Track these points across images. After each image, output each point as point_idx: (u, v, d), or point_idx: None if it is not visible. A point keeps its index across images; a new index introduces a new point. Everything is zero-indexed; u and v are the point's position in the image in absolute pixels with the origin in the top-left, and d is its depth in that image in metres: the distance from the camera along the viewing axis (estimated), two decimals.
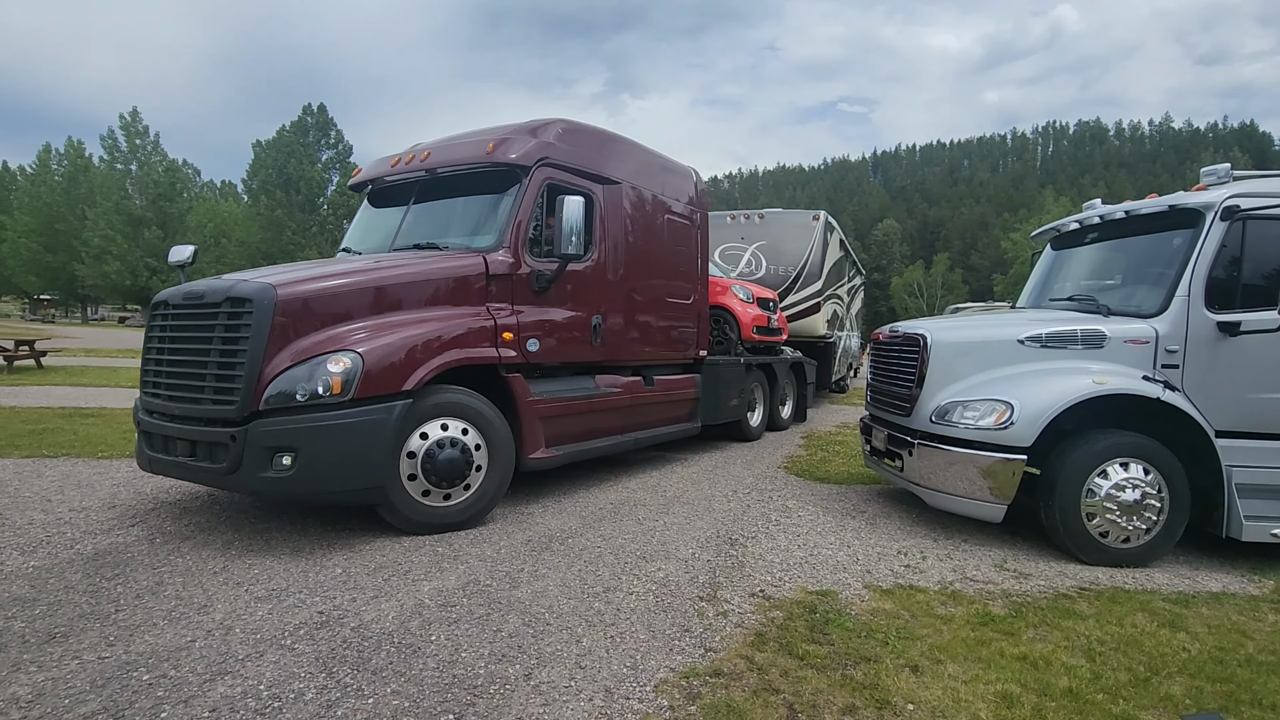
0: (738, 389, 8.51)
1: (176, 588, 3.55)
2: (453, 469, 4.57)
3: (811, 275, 12.30)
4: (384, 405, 4.27)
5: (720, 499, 5.91)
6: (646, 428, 6.81)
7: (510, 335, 5.16)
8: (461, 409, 4.71)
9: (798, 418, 11.06)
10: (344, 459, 4.13)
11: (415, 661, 2.85)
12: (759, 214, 13.00)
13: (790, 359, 10.40)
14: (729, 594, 3.73)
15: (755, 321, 9.12)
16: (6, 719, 2.34)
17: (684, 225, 7.52)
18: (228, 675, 2.68)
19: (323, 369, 4.12)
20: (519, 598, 3.56)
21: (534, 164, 5.50)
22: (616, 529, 4.89)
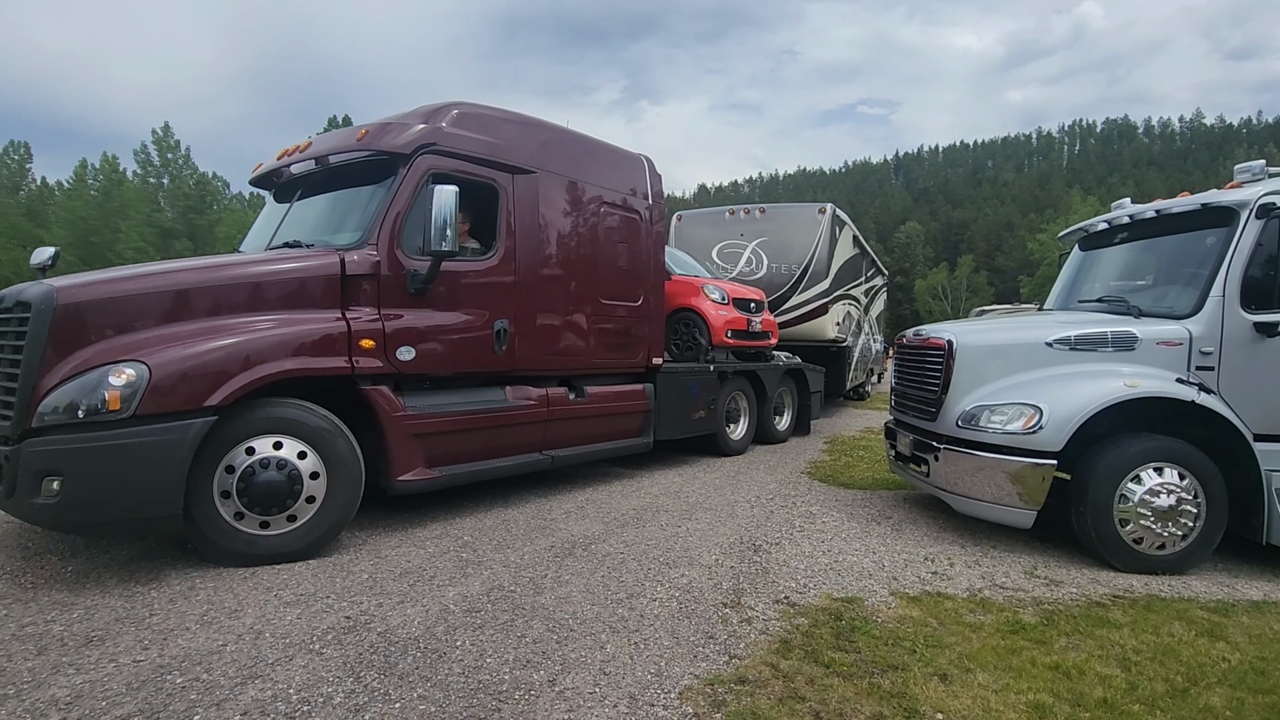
0: (706, 399, 7.72)
1: (208, 592, 3.62)
2: (273, 494, 4.01)
3: (818, 274, 11.29)
4: (177, 424, 3.69)
5: (743, 505, 5.87)
6: (573, 444, 6.13)
7: (371, 343, 4.58)
8: (294, 426, 4.13)
9: (799, 429, 10.11)
10: (120, 485, 3.57)
11: (441, 666, 2.87)
12: (760, 208, 12.02)
13: (785, 365, 9.58)
14: (753, 601, 3.70)
15: (730, 325, 8.31)
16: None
17: (629, 219, 6.74)
18: (258, 679, 2.72)
19: (103, 382, 3.59)
20: (543, 603, 3.57)
21: (413, 152, 4.93)
22: (639, 535, 4.88)
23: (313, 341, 4.32)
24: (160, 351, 3.76)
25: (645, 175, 7.06)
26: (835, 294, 11.65)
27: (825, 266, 11.33)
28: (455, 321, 5.14)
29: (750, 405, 8.76)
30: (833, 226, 11.52)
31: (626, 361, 6.80)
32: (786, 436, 9.68)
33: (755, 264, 11.63)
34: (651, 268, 7.05)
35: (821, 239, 11.39)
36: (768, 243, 11.63)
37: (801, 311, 11.34)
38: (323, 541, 4.27)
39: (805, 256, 11.36)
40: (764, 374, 8.90)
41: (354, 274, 4.59)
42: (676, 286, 8.19)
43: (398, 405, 4.72)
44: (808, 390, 10.08)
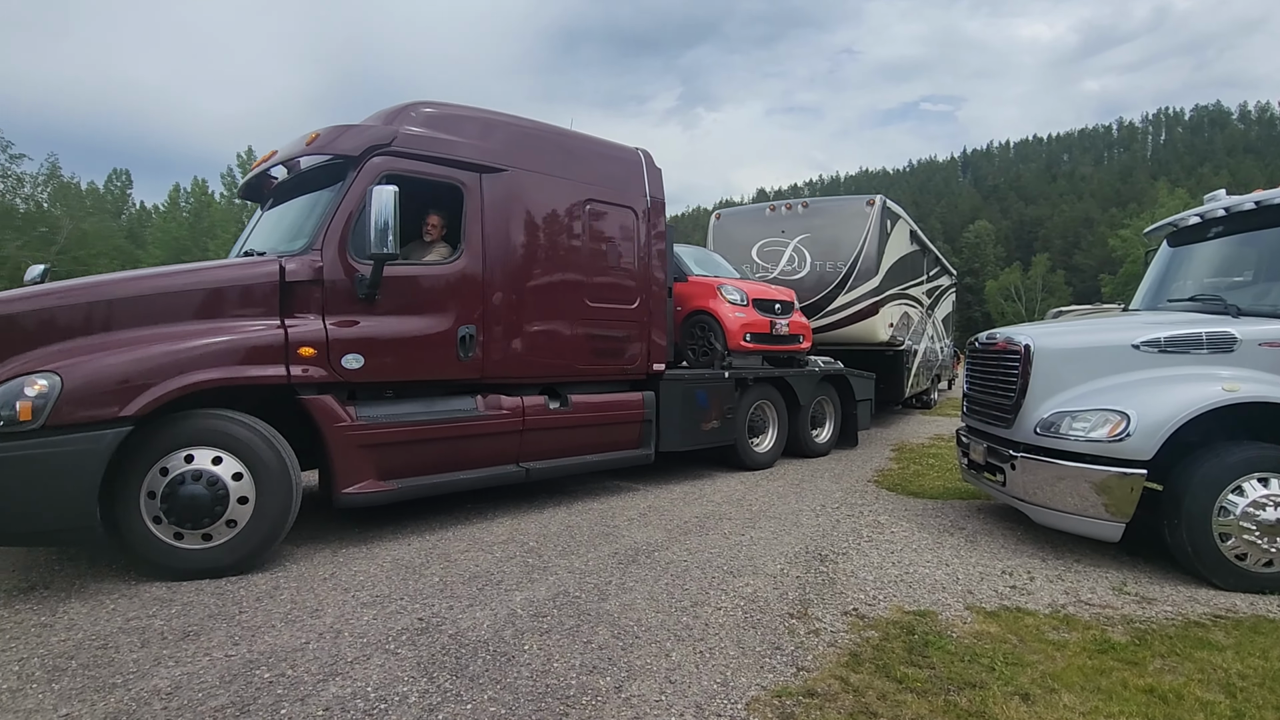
0: (720, 409, 7.17)
1: (291, 592, 3.80)
2: (195, 507, 3.90)
3: (866, 272, 10.32)
4: (88, 434, 3.61)
5: (808, 514, 5.76)
6: (554, 456, 5.79)
7: (311, 351, 4.43)
8: (221, 437, 4.03)
9: (844, 441, 9.28)
10: (30, 496, 3.53)
11: (510, 670, 2.93)
12: (803, 202, 11.18)
13: (823, 371, 8.76)
14: (820, 612, 3.63)
15: (749, 327, 7.71)
16: (150, 709, 2.57)
17: (622, 217, 6.35)
18: (338, 676, 2.84)
19: (16, 392, 3.56)
20: (607, 610, 3.60)
21: (361, 154, 4.81)
22: (702, 543, 4.86)
23: (243, 350, 4.20)
24: (75, 362, 3.72)
25: (642, 171, 6.62)
26: (887, 293, 10.74)
27: (874, 264, 10.36)
28: (411, 328, 4.92)
29: (779, 415, 8.08)
30: (883, 220, 10.52)
31: (620, 368, 6.37)
32: (828, 449, 8.89)
33: (798, 262, 10.79)
34: (651, 268, 6.57)
35: (870, 234, 10.40)
36: (811, 239, 10.72)
37: (849, 313, 10.44)
38: (255, 554, 4.12)
39: (852, 253, 10.41)
40: (795, 381, 8.18)
41: (294, 280, 4.47)
42: (692, 288, 7.85)
43: (342, 415, 4.54)
44: (853, 399, 9.17)
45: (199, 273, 4.52)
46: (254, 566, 4.15)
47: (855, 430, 9.36)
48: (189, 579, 3.93)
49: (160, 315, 4.13)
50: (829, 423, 9.01)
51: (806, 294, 10.21)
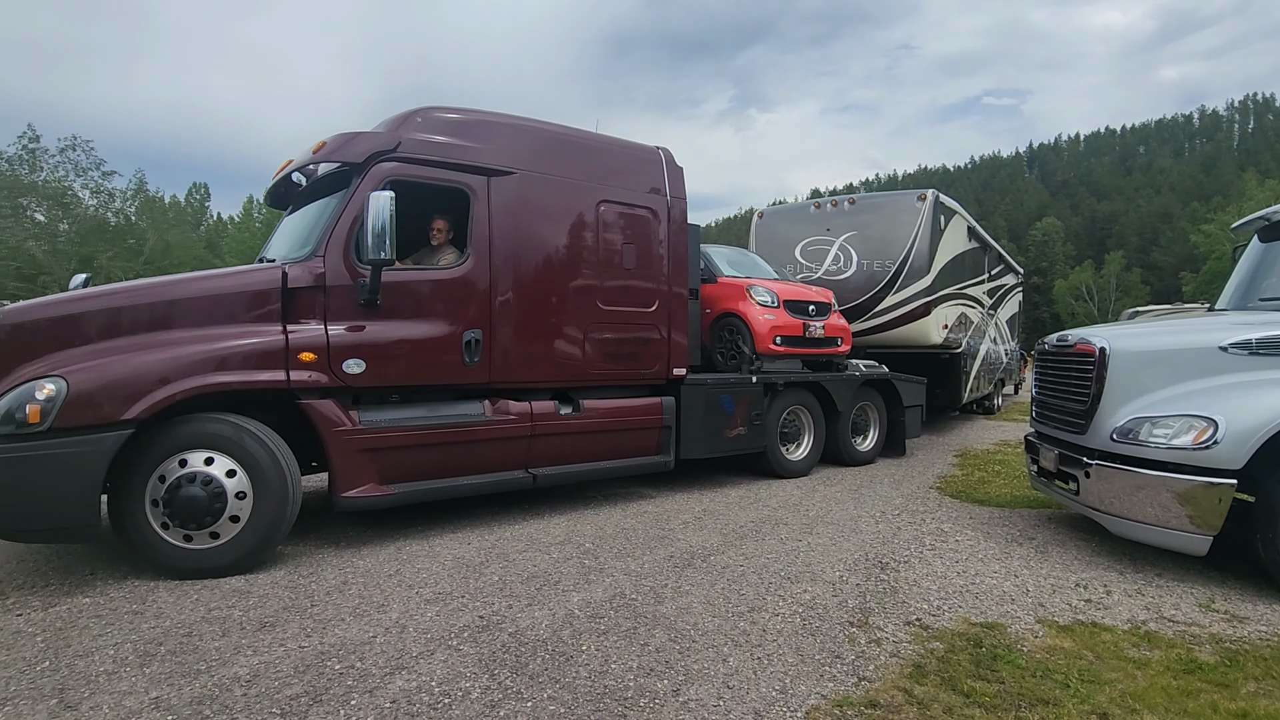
0: (746, 415, 6.92)
1: (359, 587, 3.94)
2: (194, 508, 4.01)
3: (916, 270, 9.72)
4: (91, 437, 3.78)
5: (867, 520, 5.64)
6: (566, 462, 5.71)
7: (311, 356, 4.50)
8: (220, 441, 4.13)
9: (891, 449, 8.78)
10: (36, 495, 3.71)
11: (568, 669, 2.96)
12: (849, 199, 10.62)
13: (864, 376, 8.35)
14: (882, 621, 3.54)
15: (779, 330, 7.40)
16: (231, 695, 2.71)
17: (639, 218, 6.20)
18: (404, 670, 2.93)
19: (28, 396, 3.75)
20: (664, 613, 3.60)
21: (364, 160, 4.86)
22: (758, 548, 4.81)
23: (243, 355, 4.30)
24: (82, 367, 3.89)
25: (662, 170, 6.43)
26: (941, 293, 10.10)
27: (926, 262, 9.76)
28: (413, 333, 4.94)
29: (815, 422, 7.73)
30: (935, 216, 9.89)
31: (638, 373, 6.21)
32: (871, 457, 8.43)
33: (843, 261, 10.24)
34: (671, 269, 6.38)
35: (921, 230, 9.77)
36: (857, 237, 10.15)
37: (898, 314, 9.83)
38: (254, 554, 4.19)
39: (901, 251, 9.81)
40: (832, 386, 7.82)
41: (296, 287, 4.56)
42: (721, 289, 7.62)
43: (342, 419, 4.59)
44: (900, 405, 8.70)
45: (206, 280, 4.66)
46: (258, 564, 4.23)
47: (903, 439, 8.84)
48: (191, 579, 4.02)
49: (168, 322, 4.30)
50: (873, 430, 8.59)
51: (853, 295, 9.83)
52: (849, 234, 10.26)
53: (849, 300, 9.65)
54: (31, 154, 29.63)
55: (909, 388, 8.88)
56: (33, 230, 29.17)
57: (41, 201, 29.82)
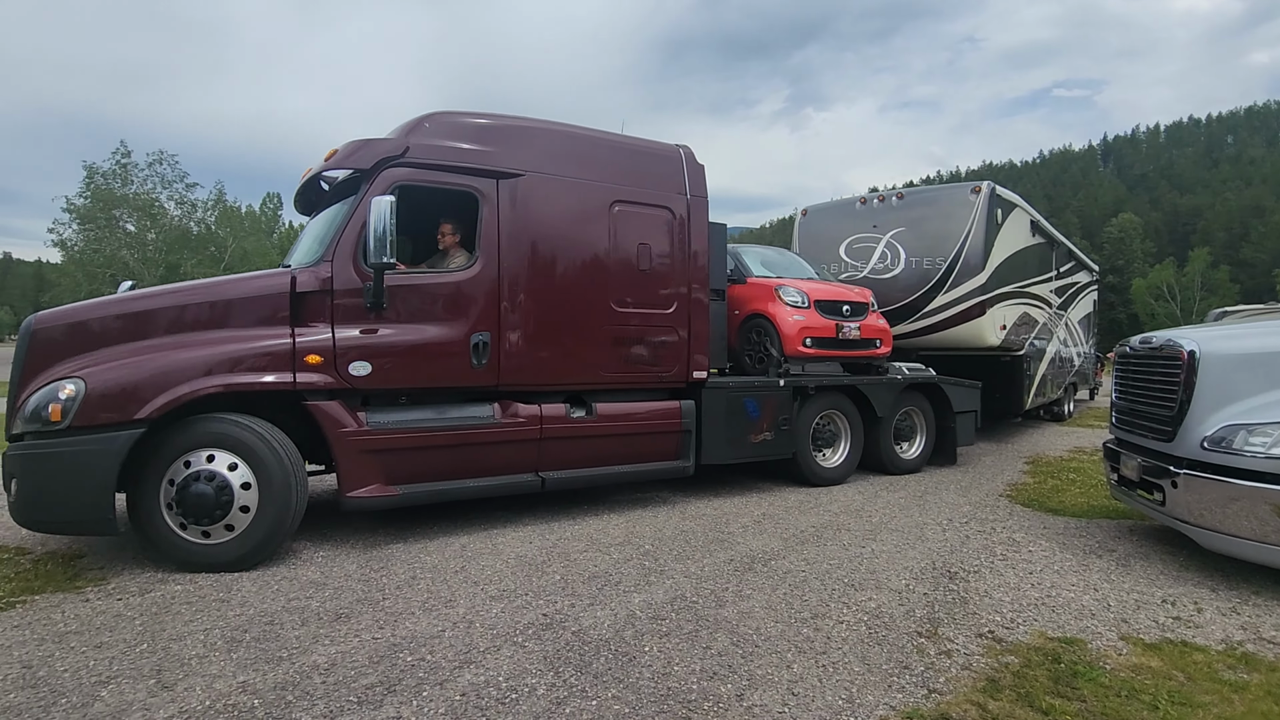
0: (773, 419, 6.68)
1: (427, 583, 4.07)
2: (201, 505, 4.16)
3: (970, 267, 9.07)
4: (105, 435, 3.97)
5: (933, 527, 5.48)
6: (577, 465, 5.63)
7: (318, 358, 4.61)
8: (227, 440, 4.27)
9: (941, 457, 8.31)
10: (54, 489, 3.96)
11: (632, 670, 2.98)
12: (898, 193, 9.99)
13: (908, 379, 7.85)
14: (952, 632, 3.44)
15: (809, 331, 7.07)
16: (311, 682, 2.83)
17: (656, 217, 6.05)
18: (472, 665, 3.01)
19: (52, 395, 4.00)
20: (725, 617, 3.58)
21: (373, 167, 4.94)
22: (820, 553, 4.73)
23: (251, 358, 4.44)
24: (99, 369, 4.11)
25: (681, 169, 6.26)
26: (998, 291, 9.38)
27: (980, 258, 9.10)
28: (419, 336, 4.98)
29: (851, 427, 7.38)
30: (990, 209, 9.20)
31: (655, 376, 6.07)
32: (917, 466, 7.95)
33: (890, 259, 9.68)
34: (690, 269, 6.20)
35: (975, 225, 9.11)
36: (906, 234, 9.57)
37: (950, 314, 9.21)
38: (260, 550, 4.29)
39: (953, 247, 9.18)
40: (870, 390, 7.42)
41: (305, 291, 4.68)
42: (750, 290, 7.38)
43: (347, 420, 4.67)
44: (950, 410, 8.18)
45: (220, 286, 4.85)
46: (265, 559, 4.36)
47: (954, 446, 8.33)
48: (203, 573, 4.16)
49: (184, 326, 4.50)
50: (919, 437, 8.10)
51: (900, 294, 9.36)
52: (897, 230, 9.69)
53: (896, 300, 9.26)
54: (123, 168, 31.67)
55: (960, 392, 8.35)
56: (125, 240, 31.16)
57: (132, 213, 31.82)
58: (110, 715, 2.56)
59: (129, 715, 2.56)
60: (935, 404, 8.19)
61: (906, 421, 8.03)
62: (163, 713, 2.58)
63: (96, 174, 30.89)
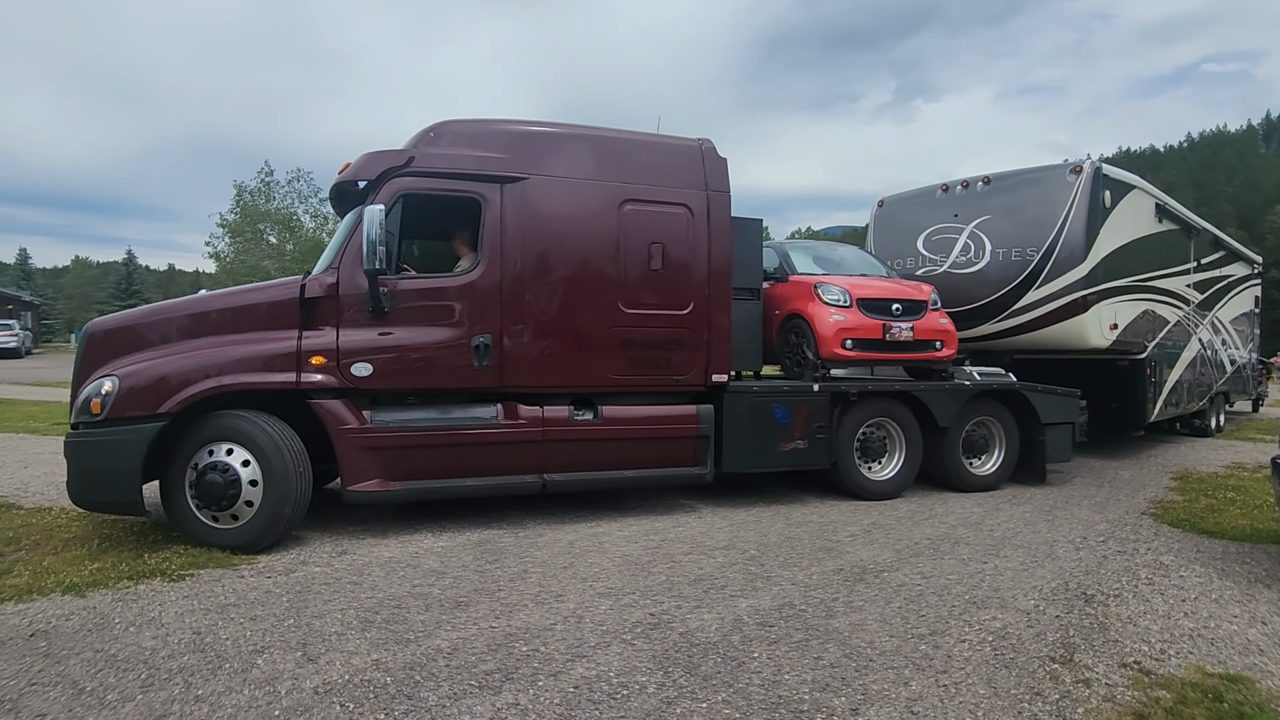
0: (806, 426, 6.23)
1: (538, 577, 4.21)
2: (212, 493, 4.55)
3: (1068, 258, 7.94)
4: (133, 427, 4.44)
5: (1064, 545, 5.08)
6: (583, 468, 5.57)
7: (321, 359, 4.90)
8: (236, 434, 4.63)
9: (1026, 474, 7.36)
10: (93, 473, 4.47)
11: (740, 675, 2.96)
12: (984, 178, 8.82)
13: (979, 385, 7.05)
14: (1090, 660, 3.17)
15: (850, 332, 6.53)
16: (436, 665, 3.01)
17: (671, 215, 5.85)
18: (583, 659, 3.09)
19: (95, 391, 4.52)
20: (836, 628, 3.48)
21: (378, 177, 5.18)
22: (936, 567, 4.50)
23: (260, 359, 4.80)
24: (132, 369, 4.60)
25: (700, 164, 6.03)
26: (1106, 285, 8.14)
27: (1081, 248, 7.94)
28: (420, 338, 5.17)
29: (907, 437, 6.72)
30: (1095, 191, 7.95)
31: (668, 379, 5.87)
32: (994, 483, 7.09)
33: (973, 251, 8.64)
34: (710, 267, 5.94)
35: (1074, 210, 7.94)
36: (992, 223, 8.52)
37: (1042, 312, 8.12)
38: (265, 534, 4.61)
39: (1048, 236, 8.08)
40: (930, 397, 6.75)
41: (312, 297, 4.99)
42: (790, 289, 6.97)
43: (348, 418, 4.91)
44: (1037, 421, 7.24)
45: (241, 294, 5.35)
46: (273, 544, 4.66)
47: (1043, 463, 7.36)
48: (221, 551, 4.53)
49: (210, 330, 4.94)
50: (997, 450, 7.21)
51: (985, 290, 8.40)
52: (981, 219, 8.63)
53: (980, 297, 8.36)
54: (267, 186, 34.85)
55: (1049, 401, 7.34)
56: (267, 251, 34.22)
57: (274, 226, 34.93)
58: (265, 681, 2.83)
59: (281, 683, 2.82)
60: (1018, 414, 7.27)
61: (981, 433, 7.19)
62: (309, 683, 2.82)
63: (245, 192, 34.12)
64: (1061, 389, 7.53)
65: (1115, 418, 9.14)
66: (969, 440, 7.08)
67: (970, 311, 8.32)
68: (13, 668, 2.94)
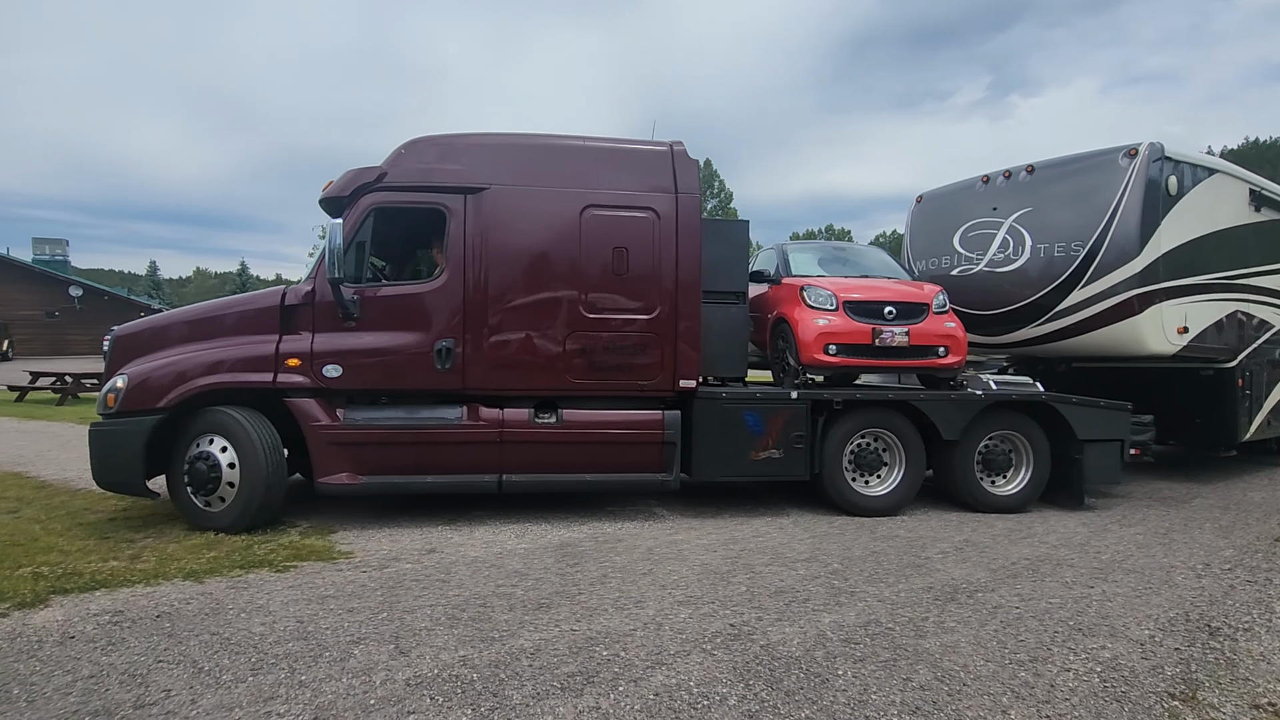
0: (782, 435, 5.95)
1: (617, 581, 4.24)
2: (198, 479, 5.12)
3: (1119, 253, 6.95)
4: (135, 419, 5.08)
5: (1184, 572, 4.67)
6: (542, 470, 5.65)
7: (297, 361, 5.33)
8: (220, 428, 5.19)
9: (1059, 496, 6.61)
10: (106, 458, 5.17)
11: (825, 693, 2.88)
12: (1027, 167, 7.92)
13: (993, 395, 6.37)
14: (1216, 698, 2.90)
15: (832, 337, 6.16)
16: (520, 664, 3.07)
17: (636, 220, 5.83)
18: (663, 666, 3.08)
19: (111, 387, 5.21)
20: (926, 648, 3.33)
21: (351, 194, 5.54)
22: (1036, 589, 4.24)
23: (243, 360, 5.32)
24: (139, 369, 5.26)
25: (669, 167, 5.97)
26: (1172, 283, 7.08)
27: (1134, 239, 6.92)
28: (387, 342, 5.50)
29: (907, 451, 6.21)
30: (1154, 177, 6.91)
31: (633, 384, 5.82)
32: (1018, 504, 6.39)
33: (1012, 247, 7.81)
34: (679, 271, 5.85)
35: (1127, 198, 6.94)
36: (1033, 215, 7.65)
37: (1088, 314, 7.17)
38: (242, 521, 5.11)
39: (1095, 228, 7.12)
40: (931, 408, 6.20)
41: (291, 304, 5.47)
42: (781, 291, 6.75)
43: (319, 416, 5.33)
44: (1073, 438, 6.44)
45: (235, 301, 5.89)
46: (249, 526, 5.15)
47: (1081, 484, 6.50)
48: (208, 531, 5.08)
49: (208, 334, 5.50)
50: (1024, 469, 6.48)
51: (1025, 291, 7.57)
52: (1022, 212, 7.79)
53: (1020, 298, 7.59)
54: None
55: (1089, 415, 6.50)
56: None
57: None
58: (362, 671, 2.98)
59: (375, 673, 2.96)
60: (1051, 429, 6.50)
61: (999, 448, 6.49)
62: (401, 675, 2.95)
63: None
64: (1105, 401, 6.68)
65: (1200, 436, 8.06)
66: (989, 456, 6.46)
67: (1009, 314, 7.62)
68: (142, 645, 3.21)
